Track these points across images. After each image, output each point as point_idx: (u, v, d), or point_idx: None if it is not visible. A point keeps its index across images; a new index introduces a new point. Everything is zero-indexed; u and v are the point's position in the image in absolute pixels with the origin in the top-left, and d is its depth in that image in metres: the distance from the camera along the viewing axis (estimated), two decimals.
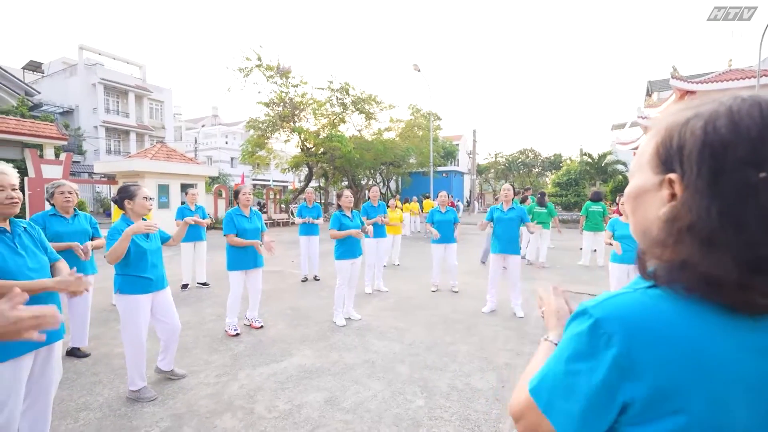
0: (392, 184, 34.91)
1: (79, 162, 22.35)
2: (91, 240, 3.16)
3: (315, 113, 19.48)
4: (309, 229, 6.20)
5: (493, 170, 42.73)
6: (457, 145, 42.79)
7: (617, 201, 8.45)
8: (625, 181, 18.52)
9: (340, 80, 20.83)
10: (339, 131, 21.25)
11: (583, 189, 19.80)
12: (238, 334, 3.73)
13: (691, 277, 0.46)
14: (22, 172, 14.28)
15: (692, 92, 13.28)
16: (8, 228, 1.74)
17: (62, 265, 1.92)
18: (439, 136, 39.51)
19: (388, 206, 7.65)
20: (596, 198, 7.89)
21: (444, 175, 37.09)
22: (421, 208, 13.92)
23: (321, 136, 20.10)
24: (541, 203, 7.91)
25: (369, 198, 5.70)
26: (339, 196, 4.27)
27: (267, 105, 19.12)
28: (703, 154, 0.45)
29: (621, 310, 0.47)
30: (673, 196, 0.48)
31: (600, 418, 0.47)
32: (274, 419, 2.36)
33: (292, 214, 18.56)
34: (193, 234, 5.64)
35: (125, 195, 2.65)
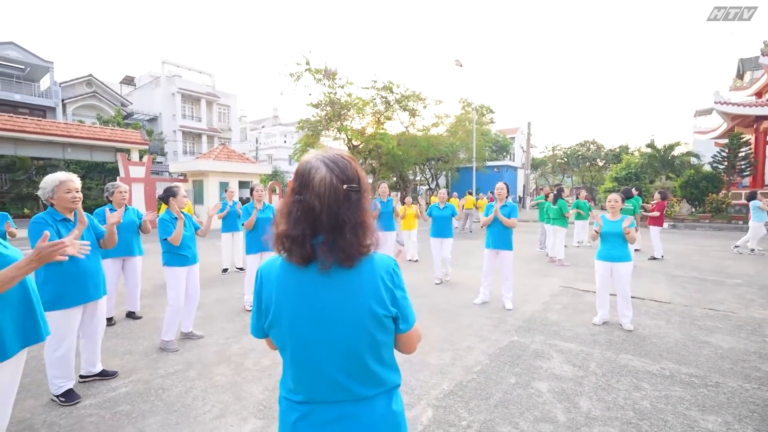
0: (441, 180, 34.82)
1: (161, 162, 25.70)
2: (139, 228, 4.08)
3: (359, 112, 20.25)
4: (385, 225, 6.12)
5: (550, 164, 40.36)
6: (512, 138, 41.15)
7: (653, 198, 7.97)
8: (697, 176, 16.67)
9: (385, 79, 21.34)
10: (383, 129, 21.89)
11: (645, 184, 18.12)
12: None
13: (277, 248, 0.92)
14: (115, 171, 17.03)
15: None
16: (71, 218, 2.55)
17: (104, 240, 2.71)
18: (492, 129, 38.37)
19: (403, 203, 8.06)
20: (628, 195, 7.56)
21: (495, 170, 36.01)
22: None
23: (365, 134, 20.89)
24: (554, 200, 7.77)
25: (379, 194, 6.19)
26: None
27: (316, 106, 20.34)
28: (293, 181, 0.91)
29: (264, 264, 0.96)
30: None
31: (262, 312, 0.96)
32: (257, 371, 2.99)
33: None
34: (231, 225, 6.60)
35: (170, 194, 3.49)
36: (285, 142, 40.29)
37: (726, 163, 17.04)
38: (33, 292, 1.71)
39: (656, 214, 7.80)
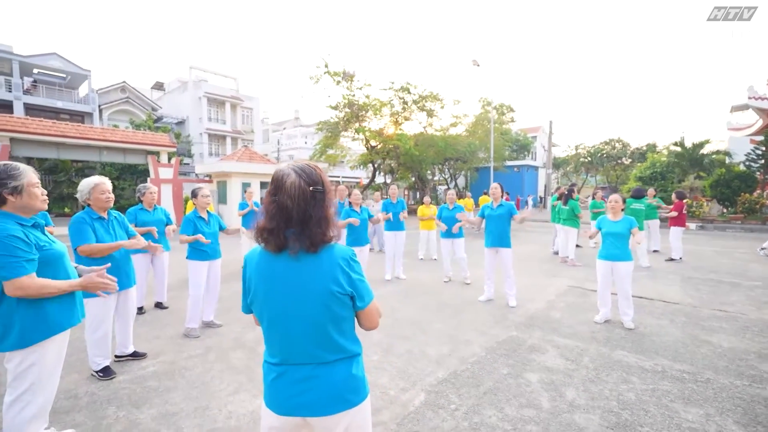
0: (460, 180, 34.61)
1: (188, 164, 26.83)
2: (166, 226, 4.46)
3: (376, 113, 20.53)
4: (394, 226, 6.20)
5: (573, 164, 39.31)
6: (534, 137, 40.40)
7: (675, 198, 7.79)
8: (728, 175, 15.99)
9: (402, 80, 21.55)
10: (401, 129, 22.08)
11: (672, 184, 17.49)
12: None
13: (257, 239, 1.16)
14: (146, 172, 18.01)
15: None
16: (105, 216, 2.90)
17: (135, 239, 3.06)
18: (512, 128, 37.78)
19: (422, 203, 8.24)
20: (638, 195, 7.47)
21: (515, 169, 35.51)
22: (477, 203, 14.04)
23: (383, 135, 21.15)
24: (565, 200, 7.74)
25: (389, 195, 6.40)
26: (350, 194, 5.10)
27: (334, 108, 20.78)
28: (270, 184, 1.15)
29: (248, 253, 1.20)
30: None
31: (246, 291, 1.20)
32: None
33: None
34: (251, 223, 6.98)
35: (193, 194, 3.85)
36: (306, 143, 41.09)
37: (762, 161, 16.24)
38: (66, 267, 2.01)
39: (674, 214, 7.65)
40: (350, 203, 5.03)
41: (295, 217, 1.11)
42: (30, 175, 1.88)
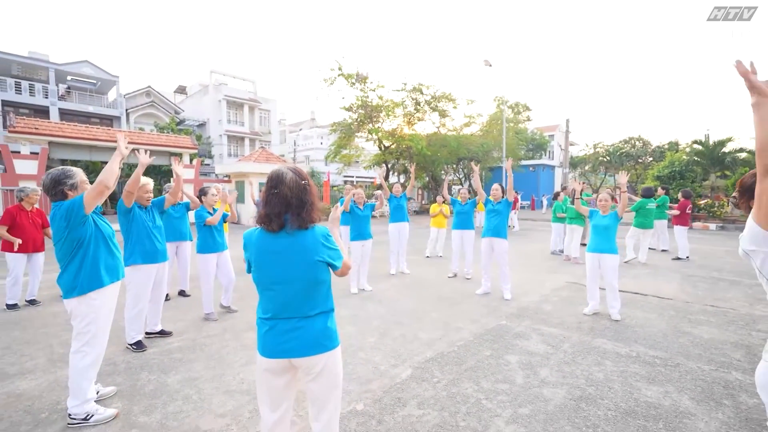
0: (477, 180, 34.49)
1: (209, 164, 27.85)
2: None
3: (389, 114, 20.86)
4: (398, 217, 6.59)
5: (591, 163, 38.58)
6: (551, 136, 39.93)
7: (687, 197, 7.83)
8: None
9: (415, 81, 21.79)
10: (413, 130, 22.35)
11: (691, 183, 17.10)
12: None
13: (260, 223, 1.52)
14: (169, 173, 18.91)
15: None
16: (146, 205, 3.40)
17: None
18: (528, 127, 37.43)
19: (434, 201, 8.56)
20: (648, 194, 7.57)
21: (531, 169, 35.21)
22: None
23: (396, 135, 21.47)
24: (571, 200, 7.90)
25: (393, 191, 6.74)
26: (355, 194, 5.47)
27: (348, 109, 21.23)
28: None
29: (246, 233, 1.57)
30: None
31: (248, 261, 1.57)
32: None
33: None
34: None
35: (201, 193, 4.31)
36: (321, 143, 41.80)
37: None
38: (114, 243, 2.52)
39: (676, 212, 7.71)
40: (354, 201, 5.41)
41: (294, 203, 1.48)
42: (81, 175, 2.42)
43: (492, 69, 21.02)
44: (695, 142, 19.25)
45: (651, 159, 34.74)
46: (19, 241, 4.50)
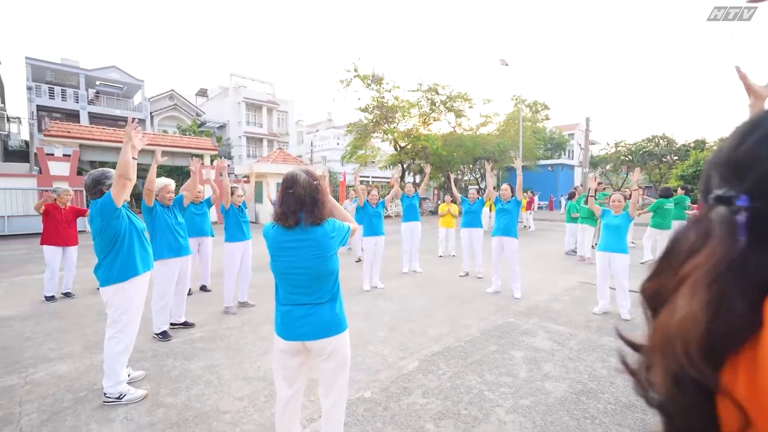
0: (492, 180, 34.20)
1: (228, 165, 28.59)
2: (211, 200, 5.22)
3: (404, 114, 20.96)
4: (410, 216, 6.77)
5: (612, 162, 37.60)
6: (571, 135, 39.19)
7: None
8: None
9: (430, 81, 21.81)
10: (429, 130, 22.38)
11: None
12: None
13: (276, 220, 1.69)
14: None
15: None
16: (168, 204, 3.65)
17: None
18: (547, 126, 36.83)
19: (443, 201, 8.65)
20: (667, 194, 7.45)
21: (549, 168, 34.62)
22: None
23: (411, 136, 21.56)
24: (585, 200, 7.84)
25: (406, 191, 6.88)
26: (368, 193, 5.63)
27: (364, 110, 21.44)
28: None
29: (265, 227, 1.74)
30: None
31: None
32: None
33: (386, 208, 20.85)
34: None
35: (231, 192, 4.58)
36: (338, 144, 42.23)
37: None
38: (145, 237, 2.78)
39: (695, 212, 7.53)
40: (368, 200, 5.58)
41: (308, 202, 1.64)
42: None
43: (510, 68, 20.79)
44: (722, 139, 18.56)
45: (675, 158, 33.60)
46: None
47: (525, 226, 14.41)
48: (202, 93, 36.34)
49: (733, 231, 0.36)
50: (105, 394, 2.50)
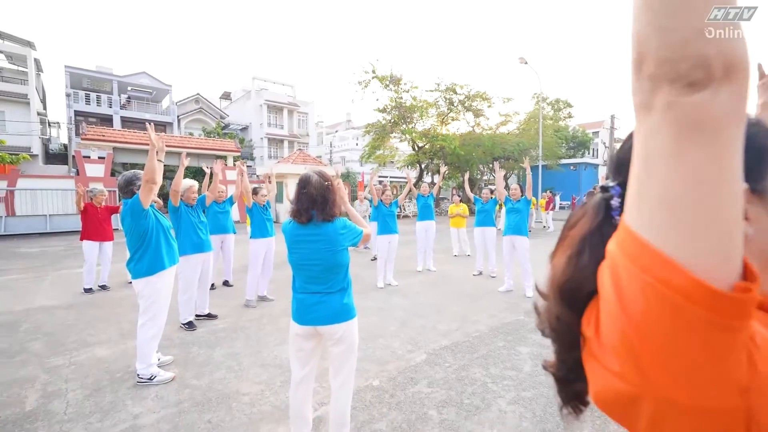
0: (512, 180, 33.74)
1: (250, 166, 29.43)
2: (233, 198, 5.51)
3: (422, 114, 21.01)
4: (424, 215, 6.90)
5: None
6: (595, 133, 38.14)
7: None
8: None
9: (448, 81, 21.76)
10: (447, 130, 22.35)
11: None
12: None
13: (292, 216, 1.87)
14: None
15: None
16: (193, 203, 3.92)
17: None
18: (570, 125, 35.96)
19: (452, 202, 8.72)
20: None
21: (572, 167, 33.79)
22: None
23: (429, 136, 21.59)
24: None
25: (421, 191, 6.98)
26: (382, 193, 5.80)
27: (382, 111, 21.63)
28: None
29: (284, 224, 1.93)
30: None
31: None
32: None
33: (403, 208, 20.90)
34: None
35: (254, 192, 4.85)
36: (357, 144, 42.64)
37: None
38: (170, 234, 3.02)
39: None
40: (381, 200, 5.75)
41: (319, 201, 1.81)
42: None
43: (530, 66, 20.53)
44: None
45: None
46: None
47: (544, 226, 14.23)
48: (226, 96, 37.49)
49: (598, 210, 0.49)
50: (138, 375, 2.76)
